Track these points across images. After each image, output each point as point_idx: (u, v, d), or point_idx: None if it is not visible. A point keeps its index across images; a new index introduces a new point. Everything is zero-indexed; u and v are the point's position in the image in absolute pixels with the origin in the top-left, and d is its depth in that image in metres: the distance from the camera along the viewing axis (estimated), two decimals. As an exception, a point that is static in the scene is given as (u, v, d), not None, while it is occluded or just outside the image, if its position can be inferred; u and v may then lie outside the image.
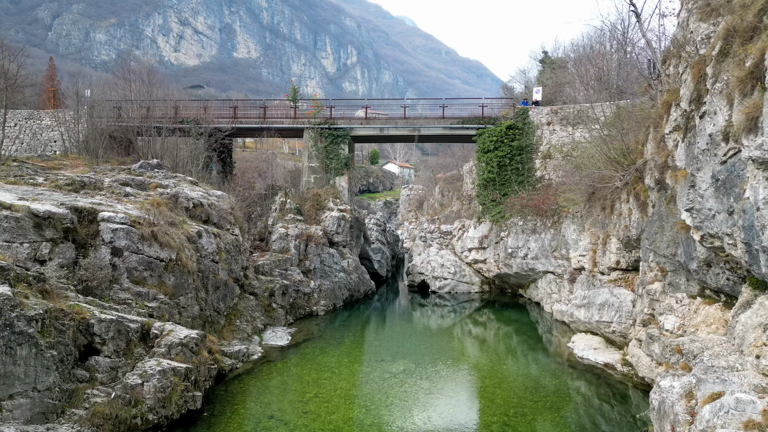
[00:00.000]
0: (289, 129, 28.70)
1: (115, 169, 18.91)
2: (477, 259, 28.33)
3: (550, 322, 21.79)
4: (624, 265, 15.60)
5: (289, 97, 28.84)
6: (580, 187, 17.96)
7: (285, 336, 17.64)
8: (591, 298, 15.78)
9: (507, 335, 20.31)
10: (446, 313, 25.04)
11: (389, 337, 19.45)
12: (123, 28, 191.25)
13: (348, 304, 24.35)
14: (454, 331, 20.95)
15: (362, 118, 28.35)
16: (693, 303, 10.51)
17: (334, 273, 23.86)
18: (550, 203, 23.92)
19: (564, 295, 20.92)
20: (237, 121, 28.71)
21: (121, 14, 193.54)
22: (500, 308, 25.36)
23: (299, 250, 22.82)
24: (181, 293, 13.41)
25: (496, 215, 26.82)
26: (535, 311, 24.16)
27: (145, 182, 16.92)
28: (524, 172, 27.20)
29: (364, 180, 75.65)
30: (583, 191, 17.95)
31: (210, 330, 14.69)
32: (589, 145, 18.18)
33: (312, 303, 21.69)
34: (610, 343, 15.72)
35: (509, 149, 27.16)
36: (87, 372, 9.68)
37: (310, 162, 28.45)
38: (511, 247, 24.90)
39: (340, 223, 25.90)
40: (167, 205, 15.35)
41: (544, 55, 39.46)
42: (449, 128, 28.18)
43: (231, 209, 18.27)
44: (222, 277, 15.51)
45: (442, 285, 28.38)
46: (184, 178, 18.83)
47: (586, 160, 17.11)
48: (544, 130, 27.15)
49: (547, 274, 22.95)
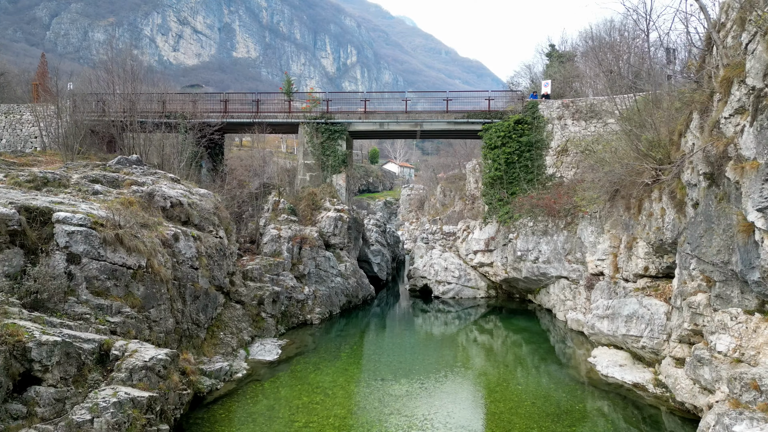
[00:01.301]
0: (283, 124, 27.01)
1: (89, 165, 17.21)
2: (483, 263, 26.64)
3: (563, 331, 20.11)
4: (653, 271, 13.90)
5: (284, 89, 27.14)
6: (602, 184, 16.26)
7: (275, 349, 15.93)
8: (616, 309, 14.07)
9: (517, 345, 18.61)
10: (450, 320, 23.37)
11: (390, 349, 17.75)
12: (122, 27, 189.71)
13: (345, 311, 22.65)
14: (460, 342, 19.24)
15: (361, 112, 26.67)
16: (751, 320, 8.82)
17: (331, 278, 22.17)
18: (562, 202, 22.23)
19: (580, 302, 19.22)
20: (228, 116, 27.02)
21: (119, 13, 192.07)
22: (508, 315, 23.69)
23: (292, 254, 21.12)
24: (152, 305, 11.71)
25: (503, 216, 25.12)
26: (546, 319, 22.48)
27: (119, 179, 15.22)
28: (534, 169, 25.50)
29: (363, 179, 73.98)
30: (604, 189, 16.24)
31: (187, 345, 12.99)
32: (613, 138, 16.46)
33: (306, 311, 20.00)
34: (637, 359, 14.02)
35: (518, 145, 25.46)
36: (24, 406, 7.99)
37: (305, 159, 26.74)
38: (520, 249, 23.21)
39: (337, 224, 24.21)
40: (141, 204, 13.66)
41: (551, 48, 37.75)
42: (453, 123, 26.48)
43: (215, 209, 16.57)
44: (202, 285, 13.81)
45: (445, 290, 26.69)
46: (165, 174, 17.14)
47: (609, 155, 15.42)
48: (555, 124, 25.45)
49: (561, 280, 21.25)
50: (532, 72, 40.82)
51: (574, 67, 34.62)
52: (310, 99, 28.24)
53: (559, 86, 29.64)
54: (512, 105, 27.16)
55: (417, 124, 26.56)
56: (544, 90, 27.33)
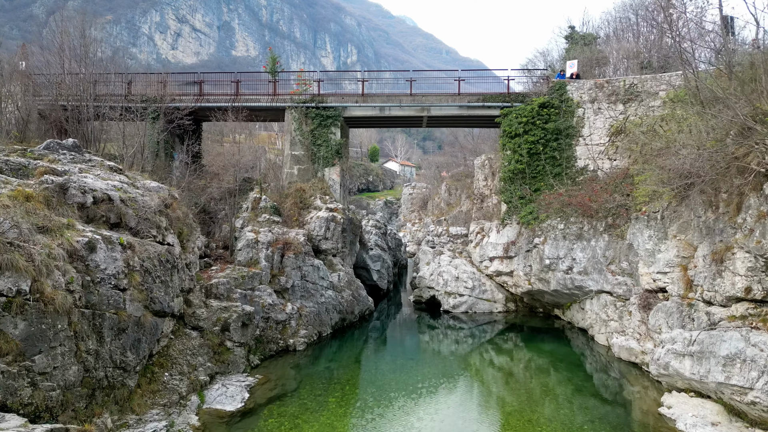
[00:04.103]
0: (266, 109, 23.09)
1: (5, 150, 13.33)
2: (500, 271, 22.74)
3: (605, 358, 16.28)
4: (759, 294, 10.00)
5: (268, 68, 23.25)
6: (669, 175, 12.34)
7: (240, 392, 12.02)
8: (707, 346, 10.16)
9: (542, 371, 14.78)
10: (462, 338, 19.64)
11: (392, 386, 13.83)
12: (119, 25, 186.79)
13: (338, 331, 18.76)
14: (480, 376, 15.33)
15: (358, 95, 22.76)
16: None
17: (320, 291, 18.27)
18: (602, 200, 18.35)
19: (631, 325, 15.32)
20: (203, 100, 23.15)
21: (117, 11, 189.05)
22: (530, 334, 19.89)
23: (272, 262, 17.21)
24: (40, 349, 7.83)
25: (526, 216, 21.21)
26: (579, 340, 18.64)
27: (29, 166, 11.35)
28: (562, 161, 21.61)
29: (363, 178, 70.20)
30: (672, 181, 12.33)
31: (105, 401, 9.10)
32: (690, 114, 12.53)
33: (288, 334, 16.09)
34: (735, 415, 10.11)
35: (543, 133, 21.57)
36: None
37: (293, 150, 22.84)
38: (548, 257, 19.31)
39: (330, 226, 20.33)
40: (46, 199, 9.78)
41: (571, 30, 33.91)
42: (466, 107, 22.56)
43: (165, 207, 12.67)
44: (132, 313, 9.91)
45: (456, 303, 22.78)
46: (102, 162, 13.24)
47: (684, 136, 11.57)
48: (586, 108, 21.56)
49: (602, 295, 17.34)
50: (548, 59, 36.97)
51: (598, 50, 30.93)
52: (300, 83, 24.35)
53: (582, 71, 25.82)
54: (535, 87, 23.28)
55: (423, 108, 22.65)
56: (571, 70, 23.45)
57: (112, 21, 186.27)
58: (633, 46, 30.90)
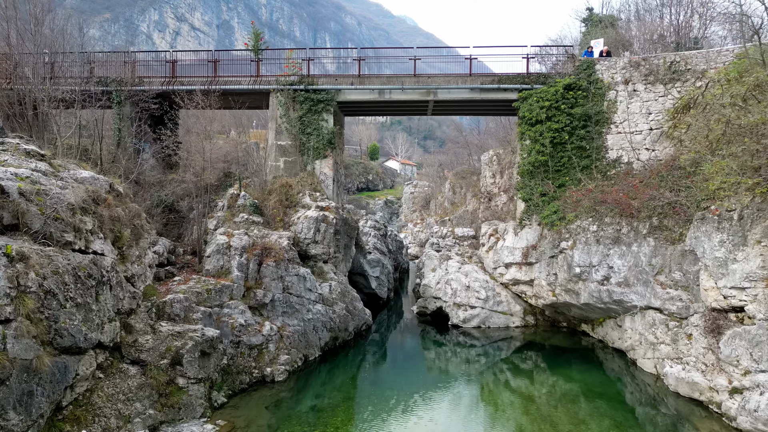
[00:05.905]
0: (248, 92, 20.01)
1: None
2: (518, 280, 19.69)
3: (653, 389, 13.33)
4: None
5: (250, 46, 20.21)
6: (762, 161, 9.30)
7: (191, 451, 8.99)
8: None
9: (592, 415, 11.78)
10: (474, 357, 16.78)
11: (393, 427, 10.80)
12: (117, 23, 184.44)
13: (329, 353, 15.73)
14: (496, 402, 12.28)
15: (353, 76, 19.71)
16: None
17: (306, 306, 15.21)
18: (644, 197, 15.29)
19: (693, 352, 12.26)
20: (177, 82, 20.13)
21: (115, 9, 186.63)
22: (553, 354, 16.99)
23: (247, 272, 14.14)
24: None
25: (549, 216, 18.14)
26: (615, 364, 15.67)
27: None
28: (591, 152, 18.57)
29: (362, 176, 67.24)
30: (763, 169, 9.29)
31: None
32: None
33: (264, 362, 13.02)
34: None
35: (568, 119, 18.52)
36: None
37: (278, 139, 19.79)
38: (578, 264, 16.26)
39: (320, 227, 17.30)
40: None
41: (590, 12, 30.96)
42: (479, 90, 19.50)
43: (95, 203, 9.63)
44: (17, 355, 6.87)
45: (467, 316, 19.72)
46: (17, 146, 10.20)
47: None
48: (619, 91, 18.51)
49: (648, 311, 14.26)
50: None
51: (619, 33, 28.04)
52: (289, 64, 21.30)
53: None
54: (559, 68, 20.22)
55: (429, 92, 19.60)
56: (598, 49, 20.40)
57: (110, 19, 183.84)
58: (658, 27, 27.99)
